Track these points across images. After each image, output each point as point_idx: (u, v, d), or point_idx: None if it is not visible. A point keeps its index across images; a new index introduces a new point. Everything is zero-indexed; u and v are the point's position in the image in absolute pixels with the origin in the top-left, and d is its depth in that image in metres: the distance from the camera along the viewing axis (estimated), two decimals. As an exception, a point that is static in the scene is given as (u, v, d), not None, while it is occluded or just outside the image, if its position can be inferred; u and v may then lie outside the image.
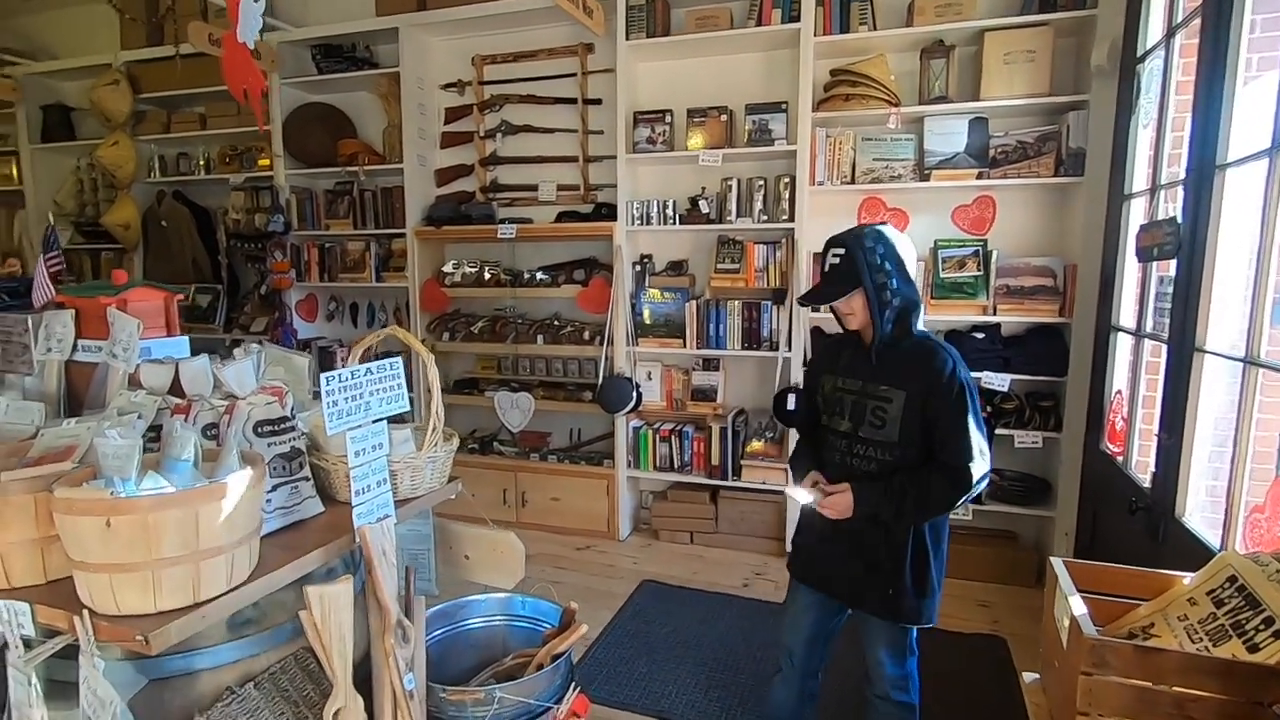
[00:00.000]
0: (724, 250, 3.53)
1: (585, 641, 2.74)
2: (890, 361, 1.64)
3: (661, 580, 3.27)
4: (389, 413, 1.45)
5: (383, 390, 1.44)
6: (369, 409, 1.40)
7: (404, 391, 1.48)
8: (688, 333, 3.56)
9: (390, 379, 1.46)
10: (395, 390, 1.47)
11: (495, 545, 1.71)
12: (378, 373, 1.43)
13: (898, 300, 1.60)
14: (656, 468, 3.71)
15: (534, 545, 3.62)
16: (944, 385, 1.57)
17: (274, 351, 1.64)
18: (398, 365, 1.48)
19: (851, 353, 1.72)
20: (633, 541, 3.75)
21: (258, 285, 4.41)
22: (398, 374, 1.48)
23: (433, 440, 1.54)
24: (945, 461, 1.58)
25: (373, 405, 1.41)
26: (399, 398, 1.47)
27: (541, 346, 3.84)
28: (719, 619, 2.91)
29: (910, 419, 1.60)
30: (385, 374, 1.45)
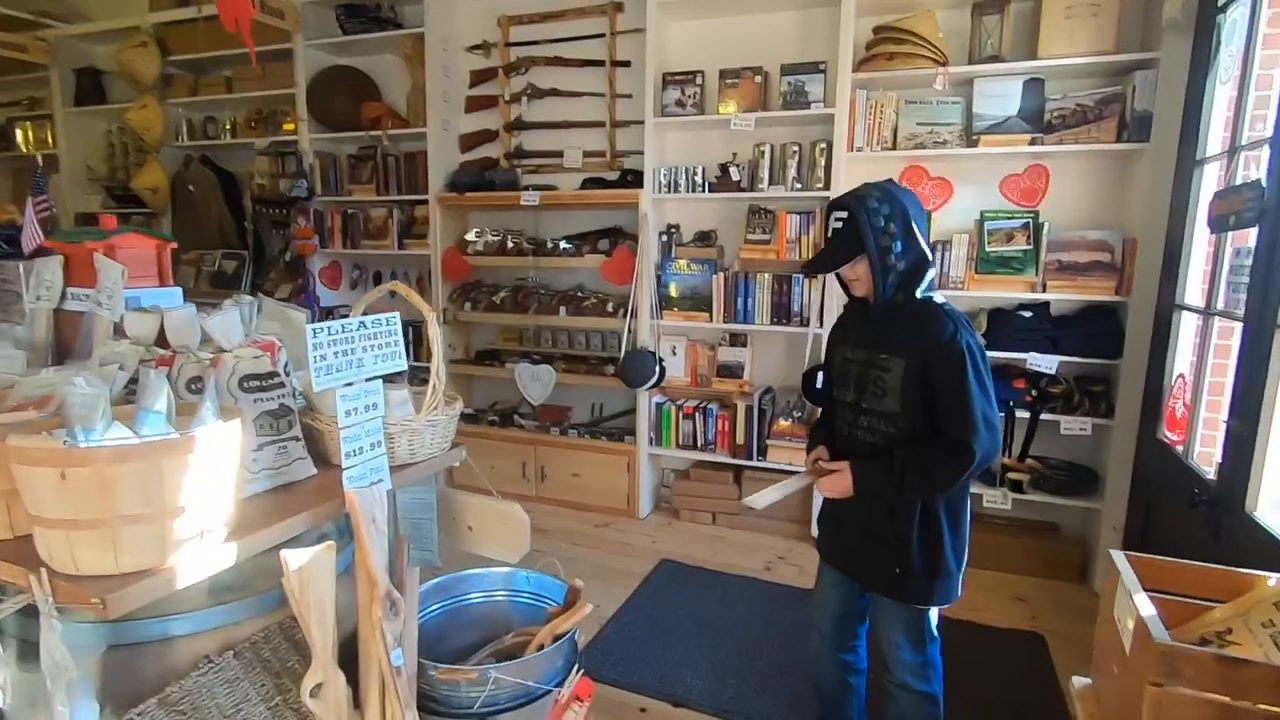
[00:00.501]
0: (755, 220, 3.37)
1: (599, 619, 2.65)
2: (891, 327, 1.54)
3: (680, 560, 3.17)
4: (385, 371, 1.36)
5: (378, 346, 1.34)
6: (361, 366, 1.31)
7: (401, 349, 1.38)
8: (715, 306, 3.42)
9: (386, 335, 1.36)
10: (391, 347, 1.37)
11: (500, 516, 1.62)
12: (372, 327, 1.33)
13: (903, 263, 1.49)
14: (679, 445, 3.59)
15: (552, 521, 3.56)
16: (944, 351, 1.45)
17: (271, 305, 1.55)
18: (395, 321, 1.39)
19: (859, 320, 1.63)
20: (653, 520, 3.66)
21: (283, 251, 4.37)
22: (394, 330, 1.38)
23: (433, 403, 1.45)
24: (947, 434, 1.47)
25: (366, 362, 1.32)
26: (395, 355, 1.38)
27: (564, 318, 3.73)
28: (738, 602, 2.80)
29: (910, 388, 1.49)
30: (381, 329, 1.35)
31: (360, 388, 1.29)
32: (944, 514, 1.55)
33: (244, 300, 1.45)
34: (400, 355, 1.38)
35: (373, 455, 1.33)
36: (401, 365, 1.38)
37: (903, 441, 1.51)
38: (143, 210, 4.68)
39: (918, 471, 1.47)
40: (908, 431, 1.52)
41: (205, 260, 4.57)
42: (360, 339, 1.31)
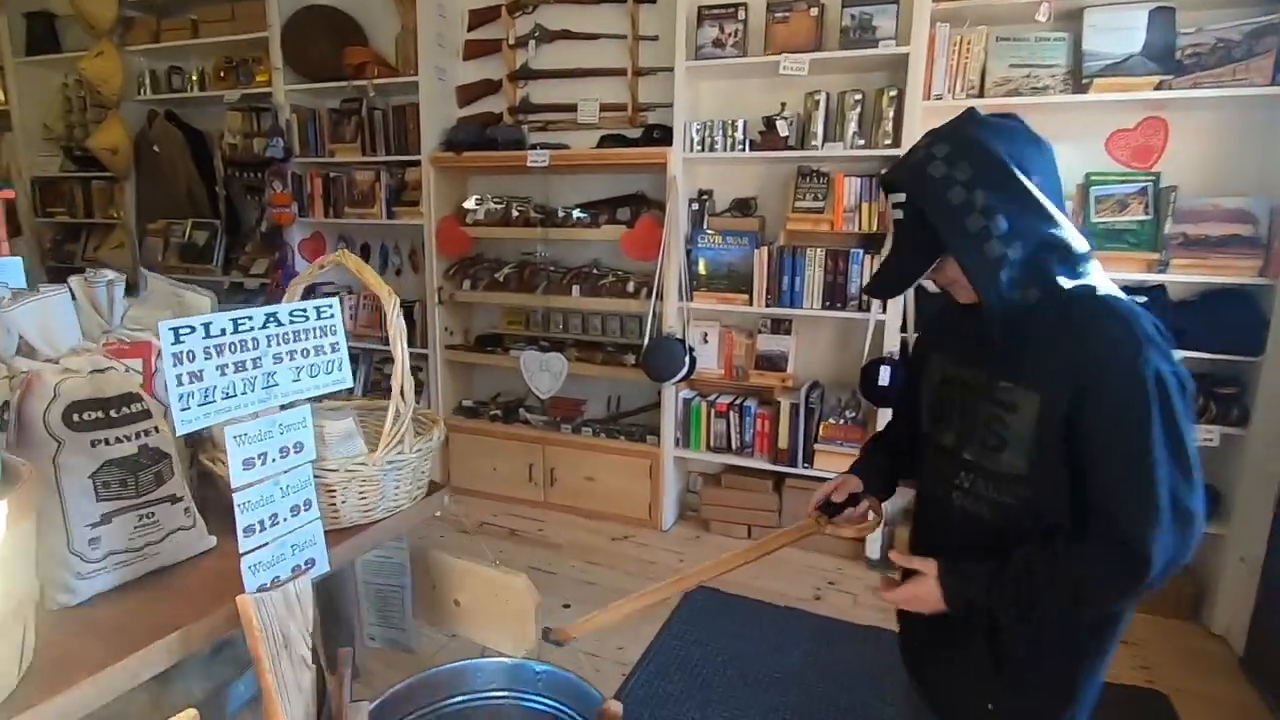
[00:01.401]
0: (805, 184, 2.84)
1: (622, 668, 2.19)
2: (1021, 340, 0.92)
3: (713, 585, 2.69)
4: (314, 392, 0.86)
5: (304, 354, 0.85)
6: (273, 387, 0.81)
7: (342, 356, 0.89)
8: (755, 286, 2.90)
9: (318, 335, 0.87)
10: (327, 353, 0.88)
11: (498, 590, 1.14)
12: (292, 324, 0.84)
13: (1018, 246, 0.88)
14: (710, 448, 3.10)
15: (563, 532, 3.09)
16: (1116, 380, 0.86)
17: (161, 286, 1.06)
18: (332, 311, 0.89)
19: (966, 320, 0.99)
20: (678, 533, 3.19)
21: (259, 221, 3.87)
22: (331, 326, 0.88)
23: (395, 434, 0.95)
24: (1109, 522, 0.87)
25: (281, 380, 0.82)
26: (333, 366, 0.88)
27: (577, 299, 3.23)
28: (787, 642, 2.33)
29: (1049, 440, 0.90)
30: (306, 325, 0.85)
31: (270, 421, 0.80)
32: (1085, 633, 0.98)
33: (100, 278, 0.95)
34: (342, 365, 0.89)
35: (294, 526, 0.84)
36: (343, 381, 0.88)
37: (1028, 521, 0.93)
38: (106, 175, 4.17)
39: (1053, 588, 0.89)
40: (1038, 506, 0.93)
41: (173, 231, 4.08)
42: (271, 344, 0.81)
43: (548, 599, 2.67)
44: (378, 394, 3.71)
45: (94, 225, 4.37)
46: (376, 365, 3.83)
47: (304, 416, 0.84)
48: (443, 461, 3.55)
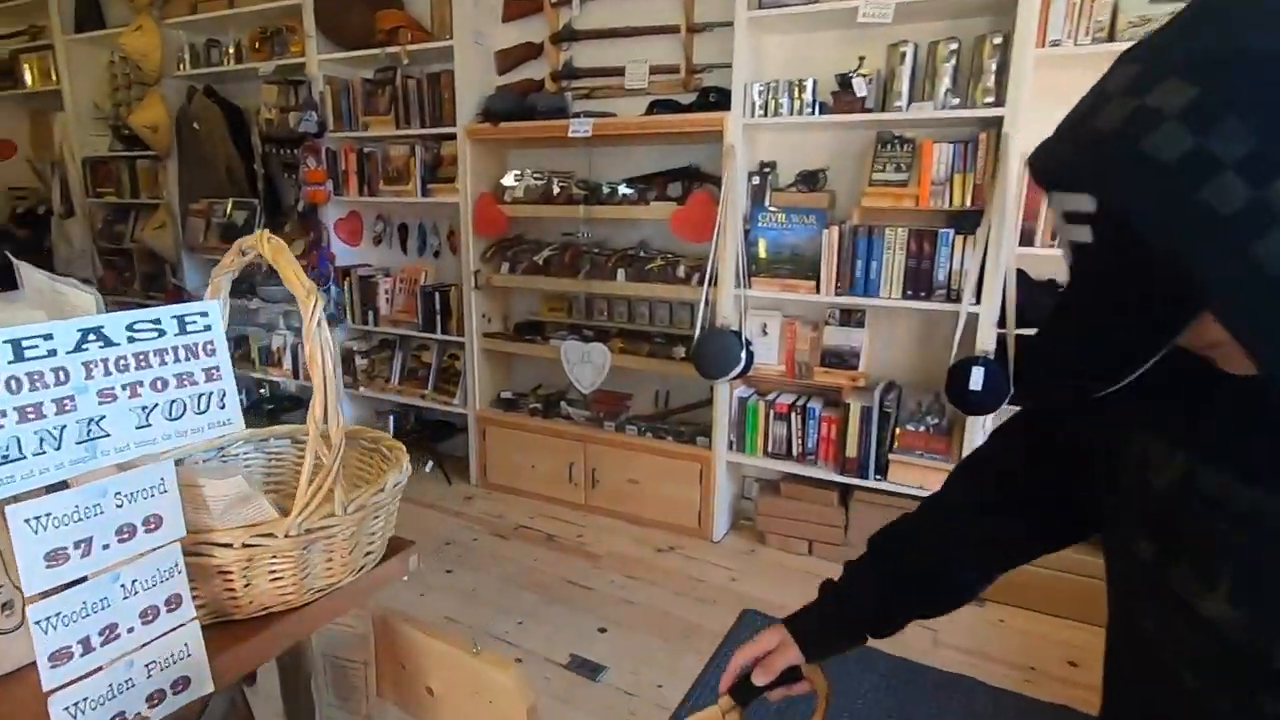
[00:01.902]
0: (885, 154, 2.44)
1: (660, 711, 1.91)
2: None
3: (770, 612, 2.38)
4: (177, 442, 0.59)
5: (156, 386, 0.57)
6: (97, 439, 0.54)
7: (225, 386, 0.61)
8: (823, 272, 2.54)
9: (186, 355, 0.59)
10: (199, 384, 0.60)
11: (479, 683, 0.86)
12: (135, 343, 0.56)
13: None
14: (768, 453, 2.77)
15: (603, 540, 2.82)
16: None
17: (38, 280, 0.80)
18: (207, 322, 0.61)
19: (1236, 405, 0.49)
20: (730, 545, 2.87)
21: (298, 200, 3.72)
22: (207, 342, 0.60)
23: (318, 489, 0.67)
24: None
25: (116, 428, 0.55)
26: (209, 403, 0.61)
27: (622, 284, 2.93)
28: (853, 687, 2.00)
29: None
30: (160, 344, 0.58)
31: (94, 490, 0.53)
32: None
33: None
34: (225, 401, 0.61)
35: (150, 637, 0.57)
36: (228, 424, 0.61)
37: None
38: (149, 154, 4.10)
39: None
40: None
41: (215, 210, 3.97)
42: (94, 373, 0.53)
43: (583, 620, 2.45)
44: (414, 382, 3.52)
45: (141, 205, 4.33)
46: (414, 352, 3.64)
47: (160, 478, 0.57)
48: (479, 456, 3.33)
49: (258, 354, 4.00)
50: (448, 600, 2.43)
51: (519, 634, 2.24)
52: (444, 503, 3.21)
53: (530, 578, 2.59)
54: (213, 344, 0.60)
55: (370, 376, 3.68)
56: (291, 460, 0.97)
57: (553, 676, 2.03)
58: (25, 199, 4.91)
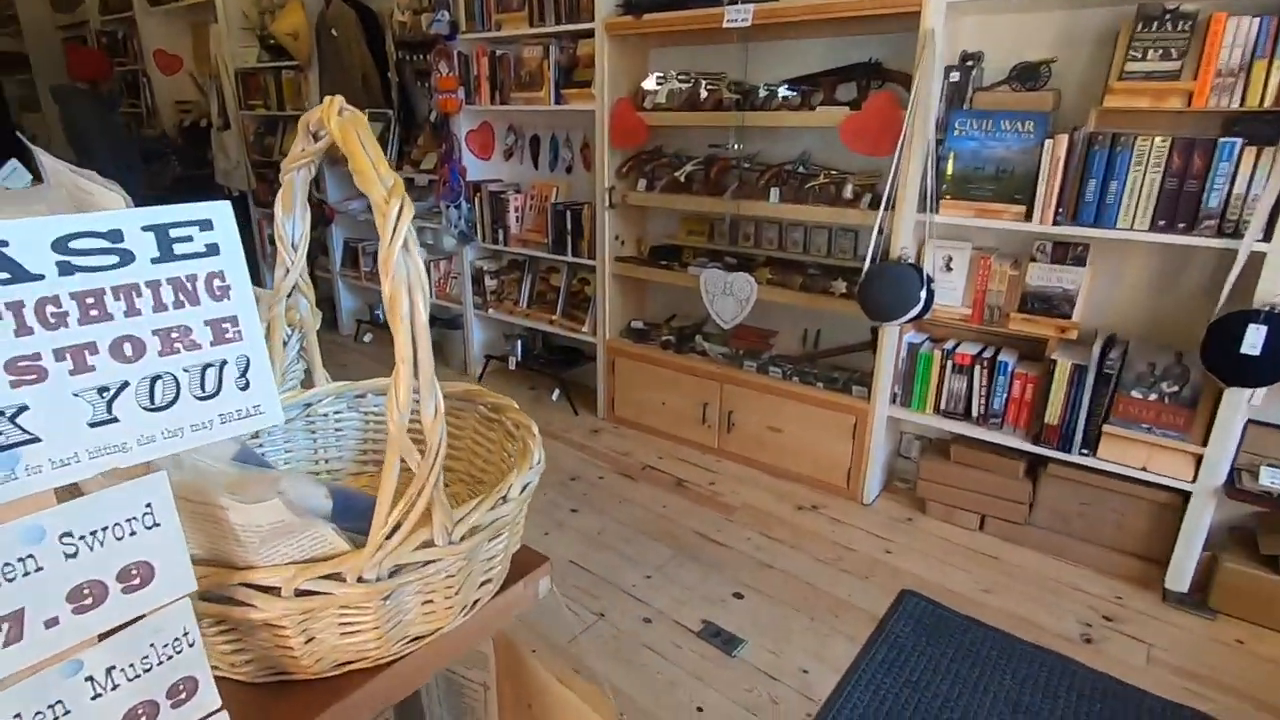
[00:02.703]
0: (1147, 35, 1.85)
1: (806, 703, 1.66)
2: None
3: (933, 597, 2.04)
4: (164, 449, 0.34)
5: (123, 352, 0.32)
6: (2, 453, 0.29)
7: (250, 350, 0.35)
8: (1039, 193, 2.02)
9: (168, 291, 0.33)
10: (197, 352, 0.34)
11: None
12: (69, 274, 0.30)
13: None
14: (939, 410, 2.36)
15: (738, 491, 2.57)
16: None
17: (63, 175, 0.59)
18: (218, 233, 0.34)
19: None
20: (883, 510, 2.53)
21: (431, 110, 3.56)
22: (218, 266, 0.34)
23: (402, 514, 0.42)
24: None
25: (54, 424, 0.30)
26: (223, 379, 0.35)
27: (775, 205, 2.54)
28: (1041, 703, 1.65)
29: None
30: (116, 274, 0.32)
31: (4, 537, 0.29)
32: None
33: None
34: (255, 373, 0.35)
35: None
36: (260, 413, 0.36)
37: None
38: (293, 64, 4.08)
39: None
40: None
41: (352, 122, 3.91)
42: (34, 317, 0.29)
43: (715, 583, 2.22)
44: (542, 306, 3.36)
45: (288, 117, 4.36)
46: (543, 275, 3.46)
47: (143, 502, 0.33)
48: (607, 388, 3.15)
49: (393, 270, 3.99)
50: (573, 542, 2.29)
51: (648, 590, 2.06)
52: (570, 434, 3.08)
53: (659, 526, 2.39)
54: (223, 278, 0.34)
55: (499, 298, 3.56)
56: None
57: (684, 645, 1.84)
58: (189, 112, 5.14)
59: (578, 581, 2.08)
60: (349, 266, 4.30)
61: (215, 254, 0.34)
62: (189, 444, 0.35)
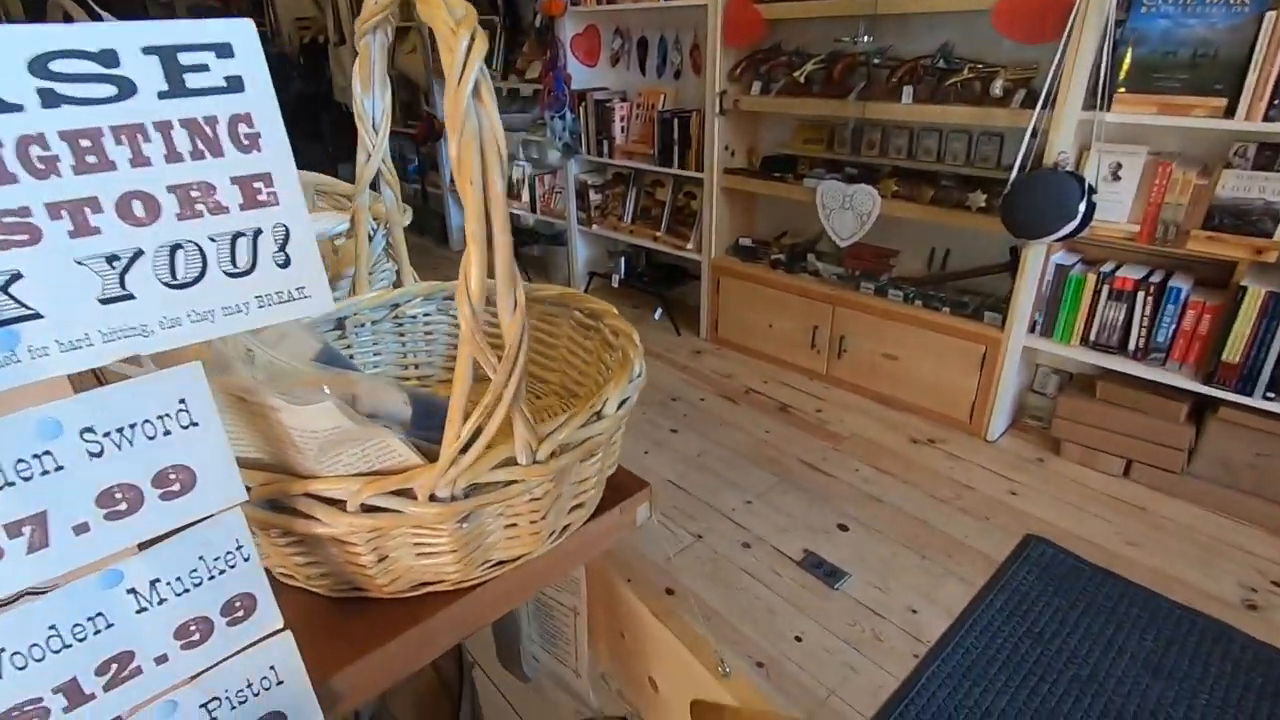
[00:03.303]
0: None
1: (913, 643, 1.58)
2: None
3: (1063, 544, 1.87)
4: (168, 339, 0.28)
5: (132, 211, 0.25)
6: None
7: (289, 216, 0.28)
8: (1248, 82, 1.66)
9: (181, 135, 0.26)
10: (225, 216, 0.27)
11: (707, 694, 0.55)
12: (53, 107, 0.24)
13: None
14: (1088, 342, 2.09)
15: (846, 420, 2.44)
16: None
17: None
18: (241, 62, 0.27)
19: None
20: (1009, 448, 2.32)
21: (535, 14, 3.42)
22: (244, 107, 0.27)
23: (477, 426, 0.36)
24: None
25: (57, 296, 0.24)
26: (258, 250, 0.28)
27: (908, 107, 2.26)
28: (1189, 670, 1.48)
29: None
30: (111, 109, 0.25)
31: (11, 430, 0.24)
32: None
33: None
34: (295, 245, 0.28)
35: (199, 668, 0.31)
36: (306, 295, 0.29)
37: None
38: (401, -29, 4.01)
39: None
40: None
41: (458, 31, 3.84)
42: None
43: (819, 514, 2.13)
44: (646, 223, 3.25)
45: (398, 29, 4.33)
46: (648, 189, 3.34)
47: (177, 396, 0.28)
48: (711, 308, 3.04)
49: (499, 186, 3.98)
50: (672, 462, 2.26)
51: (747, 515, 2.00)
52: (672, 354, 3.02)
53: (761, 451, 2.31)
54: (250, 122, 0.27)
55: (603, 213, 3.47)
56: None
57: (784, 573, 1.78)
58: (308, 29, 5.25)
59: (676, 502, 2.06)
60: (457, 182, 4.34)
61: (239, 90, 0.27)
62: (222, 330, 0.29)
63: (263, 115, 0.28)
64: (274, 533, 0.40)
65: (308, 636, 0.42)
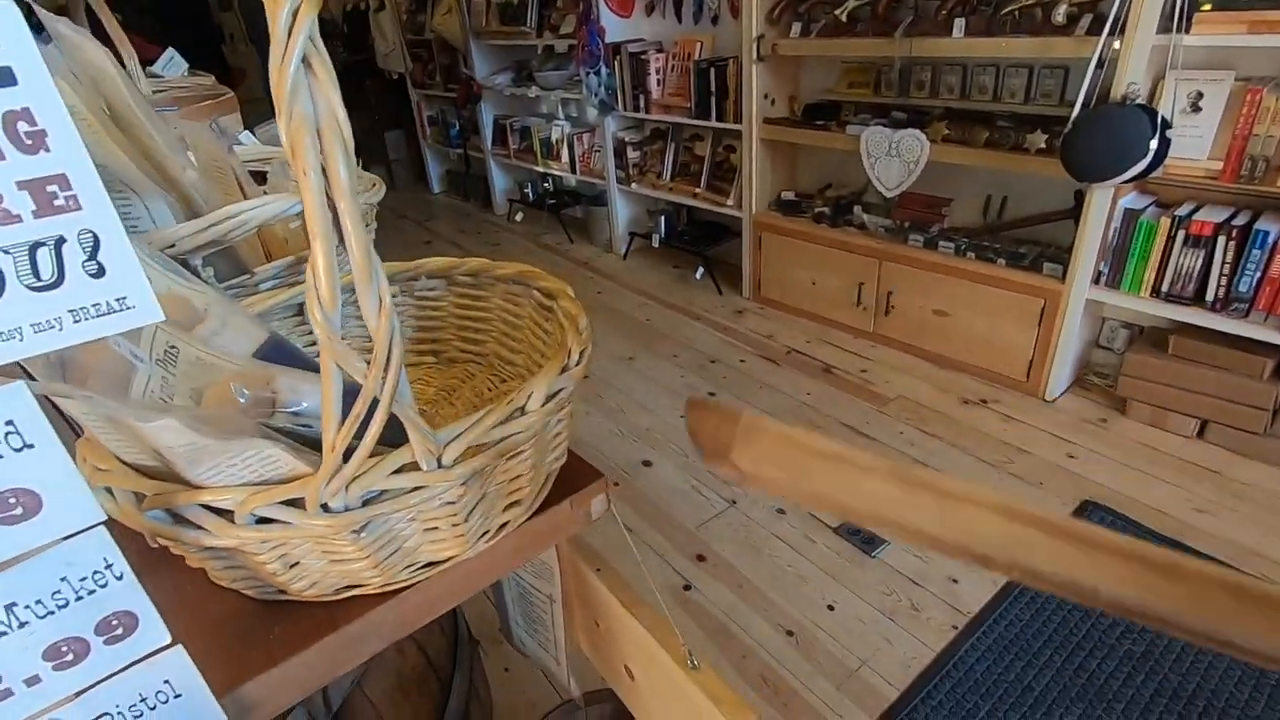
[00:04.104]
0: None
1: (953, 614, 1.52)
2: None
3: (1125, 511, 1.75)
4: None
5: None
6: None
7: (96, 221, 0.25)
8: (1357, -10, 1.44)
9: None
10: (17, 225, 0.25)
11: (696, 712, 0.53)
12: None
13: None
14: (1159, 293, 1.92)
15: (893, 380, 2.35)
16: None
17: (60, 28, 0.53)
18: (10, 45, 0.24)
19: None
20: (1068, 407, 2.18)
21: (568, -33, 3.31)
22: (21, 101, 0.24)
23: (350, 427, 0.33)
24: None
25: None
26: (64, 262, 0.26)
27: (960, 41, 2.08)
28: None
29: None
30: None
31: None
32: None
33: None
34: (107, 252, 0.26)
35: (71, 690, 0.30)
36: (129, 306, 0.27)
37: None
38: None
39: None
40: None
41: (493, -12, 3.76)
42: None
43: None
44: (685, 179, 3.16)
45: (434, -9, 4.29)
46: (686, 144, 3.23)
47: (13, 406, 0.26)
48: (753, 266, 2.94)
49: (539, 146, 3.94)
50: (708, 427, 2.21)
51: (783, 480, 1.95)
52: (712, 315, 2.95)
53: (802, 414, 2.25)
54: (31, 119, 0.24)
55: (642, 171, 3.39)
56: (452, 313, 0.66)
57: (819, 540, 1.74)
58: (350, -4, 5.25)
59: (711, 467, 2.03)
60: (499, 144, 4.31)
61: (10, 83, 0.24)
62: (34, 349, 0.27)
63: (45, 109, 0.25)
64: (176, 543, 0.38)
65: (231, 642, 0.42)
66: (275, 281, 0.67)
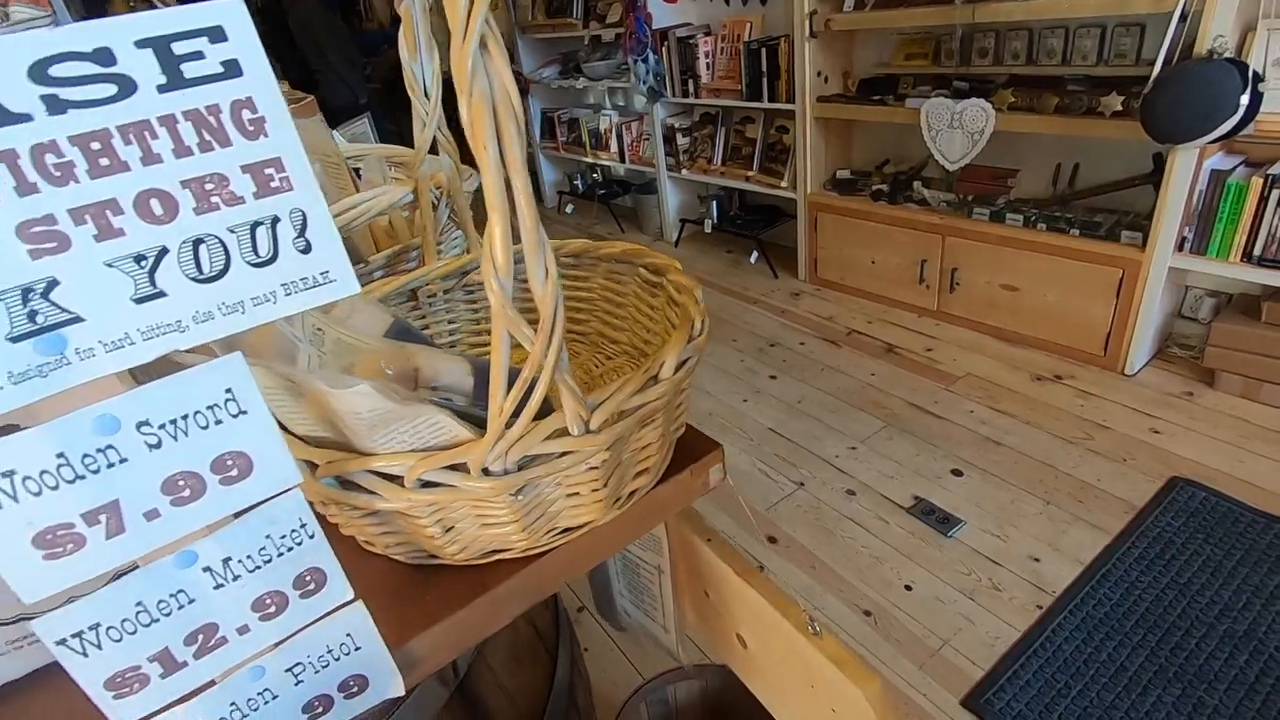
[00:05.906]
0: None
1: (1036, 594, 1.49)
2: None
3: (1217, 487, 1.68)
4: (201, 333, 0.28)
5: (149, 209, 0.26)
6: (43, 335, 0.25)
7: (304, 200, 0.28)
8: None
9: (186, 128, 0.26)
10: (240, 207, 0.27)
11: (817, 677, 0.54)
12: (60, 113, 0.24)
13: None
14: (1251, 258, 1.83)
15: (961, 359, 2.30)
16: None
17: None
18: (234, 45, 0.26)
19: None
20: (1151, 381, 2.10)
21: (612, -46, 3.31)
22: (244, 91, 0.27)
23: (518, 395, 0.35)
24: None
25: (96, 299, 0.25)
26: (277, 238, 0.28)
27: (1026, 3, 2.01)
28: None
29: None
30: (109, 110, 0.25)
31: (73, 428, 0.26)
32: None
33: None
34: (314, 229, 0.28)
35: (278, 636, 0.33)
36: (330, 279, 0.29)
37: None
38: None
39: None
40: None
41: (537, -18, 3.79)
42: None
43: (930, 458, 2.01)
44: (737, 163, 3.13)
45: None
46: (737, 127, 3.20)
47: (222, 386, 0.29)
48: (809, 247, 2.91)
49: (588, 138, 3.96)
50: (771, 409, 2.21)
51: (851, 461, 1.94)
52: (769, 298, 2.93)
53: (865, 395, 2.22)
54: (253, 107, 0.27)
55: (692, 157, 3.37)
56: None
57: (892, 521, 1.72)
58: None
59: (776, 449, 2.02)
60: (547, 137, 4.35)
61: (237, 75, 0.26)
62: (254, 320, 0.29)
63: (264, 99, 0.27)
64: (345, 507, 0.41)
65: (390, 602, 0.45)
66: (384, 271, 0.70)
